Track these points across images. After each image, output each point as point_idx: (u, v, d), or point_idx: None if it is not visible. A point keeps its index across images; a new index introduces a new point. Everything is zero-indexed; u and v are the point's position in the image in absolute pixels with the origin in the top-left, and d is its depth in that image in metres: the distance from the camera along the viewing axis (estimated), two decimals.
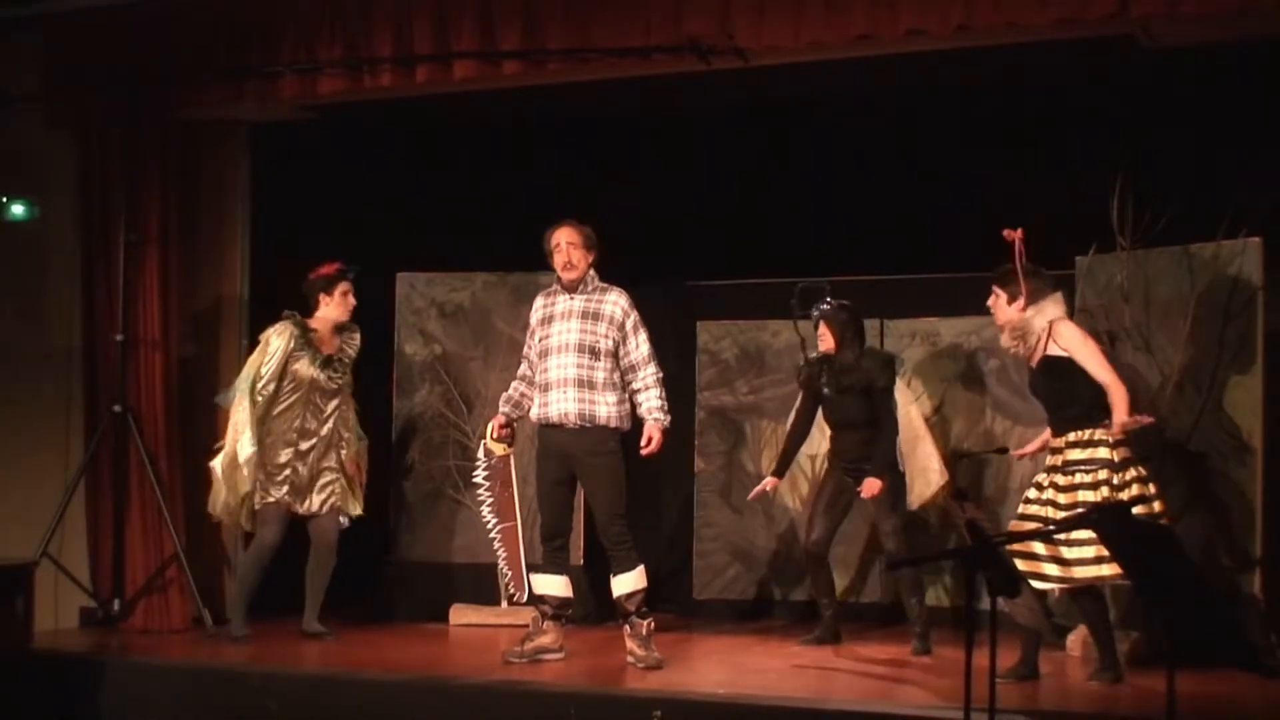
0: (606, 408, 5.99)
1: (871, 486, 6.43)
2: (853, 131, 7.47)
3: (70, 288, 7.30)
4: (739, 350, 7.78)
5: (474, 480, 7.15)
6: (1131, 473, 5.51)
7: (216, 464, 6.58)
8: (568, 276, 6.07)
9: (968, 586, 4.04)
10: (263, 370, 6.60)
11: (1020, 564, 5.32)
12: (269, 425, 6.64)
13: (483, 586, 7.37)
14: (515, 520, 7.11)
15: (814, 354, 6.77)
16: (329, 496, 6.75)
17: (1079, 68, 6.68)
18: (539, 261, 7.46)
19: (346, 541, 6.93)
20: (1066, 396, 5.60)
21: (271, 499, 6.63)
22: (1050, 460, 5.68)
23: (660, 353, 6.21)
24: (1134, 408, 5.52)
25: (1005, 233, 5.65)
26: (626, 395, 6.07)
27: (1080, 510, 5.29)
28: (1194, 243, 6.24)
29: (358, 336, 6.88)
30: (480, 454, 7.11)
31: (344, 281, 6.75)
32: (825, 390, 6.63)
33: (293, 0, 6.86)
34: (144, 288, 7.08)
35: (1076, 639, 6.24)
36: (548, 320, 6.12)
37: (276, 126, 7.47)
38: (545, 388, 6.05)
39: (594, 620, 7.06)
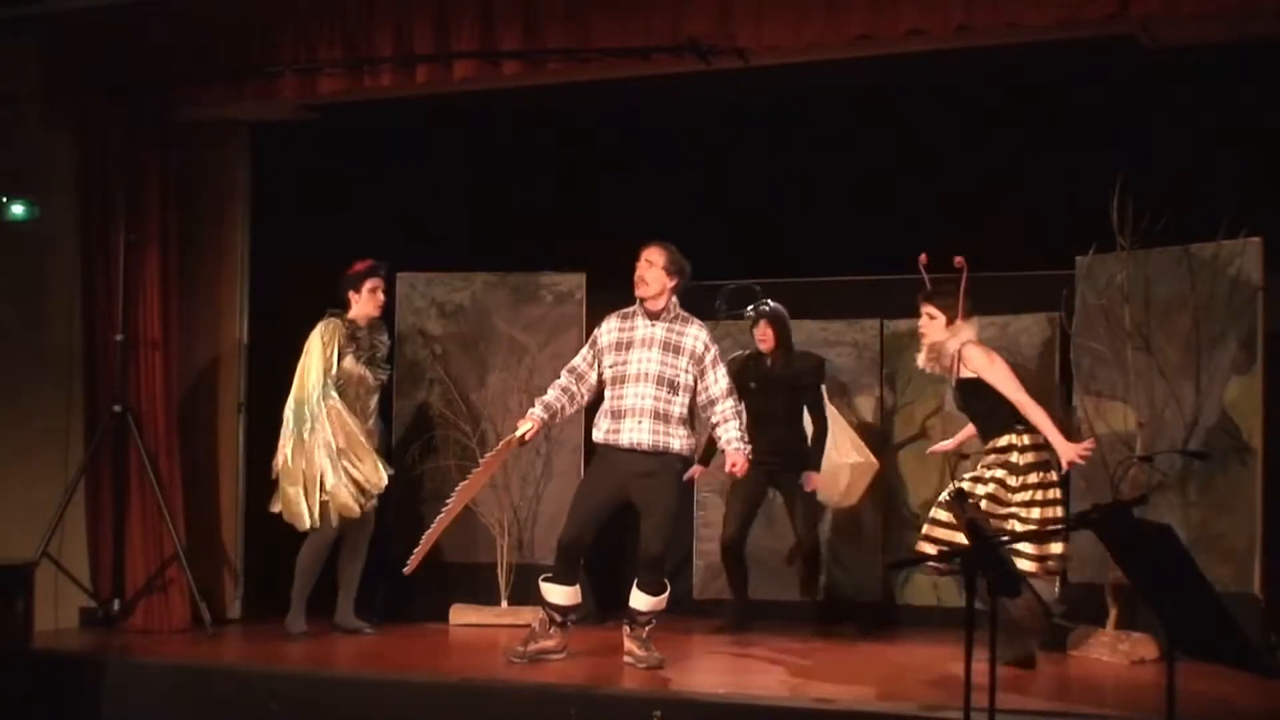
0: (679, 440, 5.95)
1: (814, 480, 6.91)
2: (853, 131, 7.47)
3: (70, 288, 7.29)
4: (739, 350, 7.77)
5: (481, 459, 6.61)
6: (1034, 477, 5.84)
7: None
8: (637, 292, 6.00)
9: (968, 586, 4.03)
10: (322, 372, 6.62)
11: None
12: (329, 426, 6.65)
13: (483, 586, 7.37)
14: (463, 506, 6.48)
15: (744, 352, 7.10)
16: (374, 493, 6.79)
17: (1079, 68, 6.68)
18: (539, 261, 7.48)
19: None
20: (984, 411, 5.98)
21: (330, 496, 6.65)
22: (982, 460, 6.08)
23: None
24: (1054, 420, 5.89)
25: (956, 260, 5.94)
26: (695, 429, 6.06)
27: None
28: (1194, 243, 6.24)
29: (386, 335, 6.99)
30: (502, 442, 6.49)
31: (372, 278, 6.80)
32: (752, 385, 6.90)
33: (293, 0, 6.86)
34: (144, 288, 7.07)
35: (1077, 638, 6.24)
36: (625, 345, 6.00)
37: (276, 126, 7.47)
38: (619, 414, 5.95)
39: (594, 620, 7.05)
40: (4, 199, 7.52)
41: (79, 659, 6.25)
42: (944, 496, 6.04)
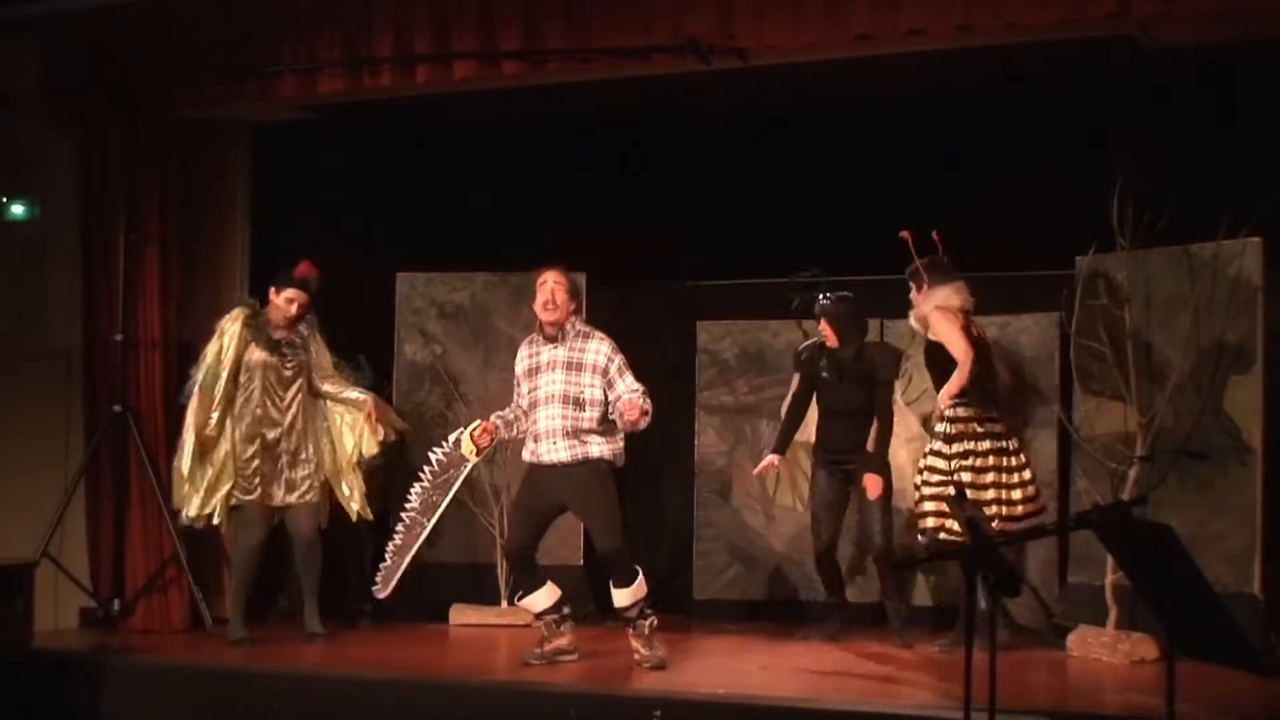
0: (598, 447, 5.98)
1: (875, 485, 6.47)
2: (853, 131, 7.47)
3: (70, 288, 7.30)
4: (739, 350, 7.77)
5: (431, 455, 6.21)
6: (986, 444, 6.20)
7: (184, 463, 6.56)
8: (547, 316, 6.01)
9: (968, 586, 4.04)
10: (220, 357, 6.54)
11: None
12: (236, 421, 6.58)
13: (483, 586, 7.37)
14: (428, 525, 6.24)
15: (815, 339, 6.80)
16: (306, 490, 6.68)
17: (1079, 68, 6.68)
18: (538, 262, 7.47)
19: (348, 542, 6.93)
20: (945, 377, 6.22)
21: (249, 497, 6.57)
22: (939, 427, 6.34)
23: (660, 352, 6.20)
24: (982, 387, 6.25)
25: (901, 234, 6.30)
26: (619, 436, 6.04)
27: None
28: (1194, 243, 6.24)
29: (311, 318, 6.75)
30: (449, 441, 6.20)
31: (290, 288, 6.60)
32: (824, 375, 6.65)
33: (293, 0, 6.86)
34: (144, 288, 7.08)
35: (1077, 638, 6.24)
36: (534, 371, 6.08)
37: (276, 126, 7.47)
38: (537, 438, 6.03)
39: (594, 620, 7.05)
40: (4, 199, 7.53)
41: (79, 659, 6.26)
42: (924, 462, 6.38)
